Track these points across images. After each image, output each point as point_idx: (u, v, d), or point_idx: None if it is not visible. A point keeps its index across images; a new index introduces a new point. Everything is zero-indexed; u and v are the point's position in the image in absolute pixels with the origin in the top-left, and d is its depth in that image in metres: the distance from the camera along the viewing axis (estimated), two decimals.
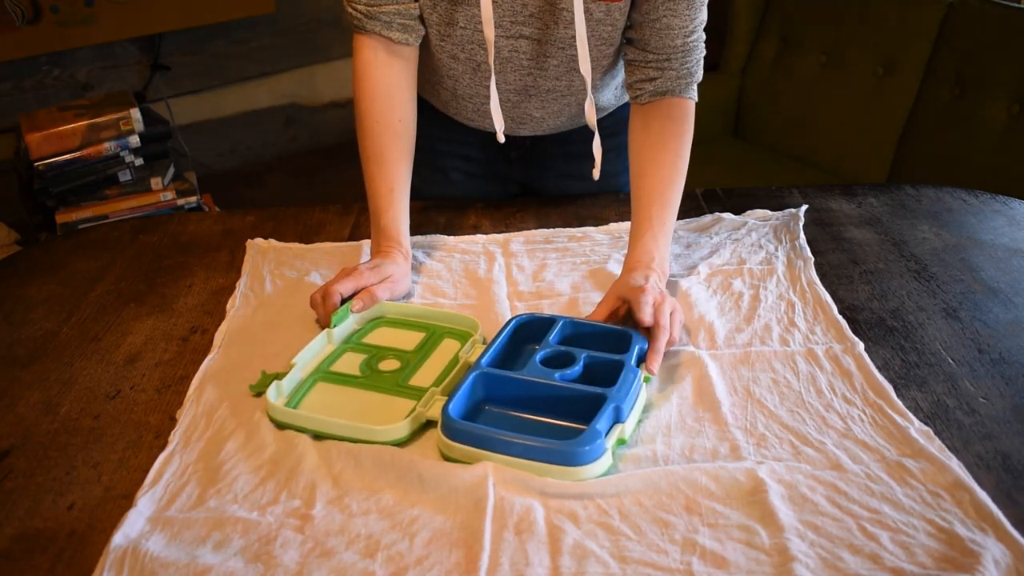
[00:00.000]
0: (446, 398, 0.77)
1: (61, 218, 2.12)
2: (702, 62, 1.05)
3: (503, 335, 0.86)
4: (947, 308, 0.94)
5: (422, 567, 0.63)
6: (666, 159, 1.00)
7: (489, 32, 0.98)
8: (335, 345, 0.91)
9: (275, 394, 0.81)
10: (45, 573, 0.65)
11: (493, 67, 1.01)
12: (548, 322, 0.88)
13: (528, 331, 0.88)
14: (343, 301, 0.93)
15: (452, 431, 0.74)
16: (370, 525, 0.67)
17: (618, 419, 0.75)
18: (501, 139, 1.07)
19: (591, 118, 1.03)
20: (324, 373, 0.86)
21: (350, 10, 1.02)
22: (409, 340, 0.92)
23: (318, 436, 0.77)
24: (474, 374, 0.79)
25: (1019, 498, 0.69)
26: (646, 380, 0.82)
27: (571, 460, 0.71)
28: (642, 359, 0.82)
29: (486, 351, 0.83)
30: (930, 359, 0.86)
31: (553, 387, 0.78)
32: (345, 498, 0.70)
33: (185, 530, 0.67)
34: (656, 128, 1.02)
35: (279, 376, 0.83)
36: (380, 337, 0.93)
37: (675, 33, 0.99)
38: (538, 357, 0.82)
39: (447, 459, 0.74)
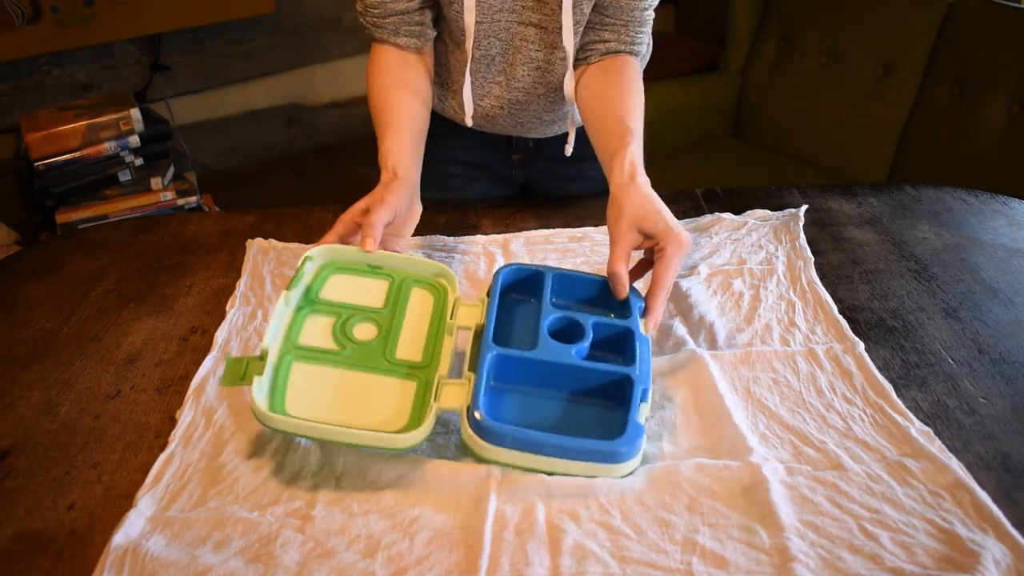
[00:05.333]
0: (457, 380, 0.74)
1: (61, 218, 2.12)
2: (649, 40, 1.09)
3: (494, 298, 0.83)
4: (947, 308, 0.94)
5: (422, 567, 0.63)
6: (628, 92, 1.01)
7: (470, 18, 1.00)
8: (292, 308, 0.81)
9: (261, 394, 0.73)
10: (45, 573, 0.65)
11: (470, 52, 1.03)
12: (534, 275, 0.86)
13: (516, 284, 0.87)
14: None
15: (488, 433, 0.70)
16: (370, 525, 0.67)
17: (643, 399, 0.74)
18: (469, 123, 1.10)
19: (569, 91, 1.06)
20: (297, 350, 0.78)
21: (361, 21, 1.06)
22: (372, 292, 0.85)
23: (318, 441, 0.74)
24: (489, 358, 0.76)
25: (1019, 498, 0.69)
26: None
27: (617, 459, 0.70)
28: (643, 314, 0.82)
29: (487, 323, 0.79)
30: (930, 359, 0.86)
31: (574, 368, 0.77)
32: (346, 498, 0.70)
33: (185, 530, 0.67)
34: (615, 73, 1.04)
35: (251, 365, 0.74)
36: (338, 290, 0.84)
37: (634, 4, 1.03)
38: (545, 327, 0.79)
39: (475, 456, 0.72)
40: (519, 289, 0.87)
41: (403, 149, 0.98)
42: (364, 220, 0.87)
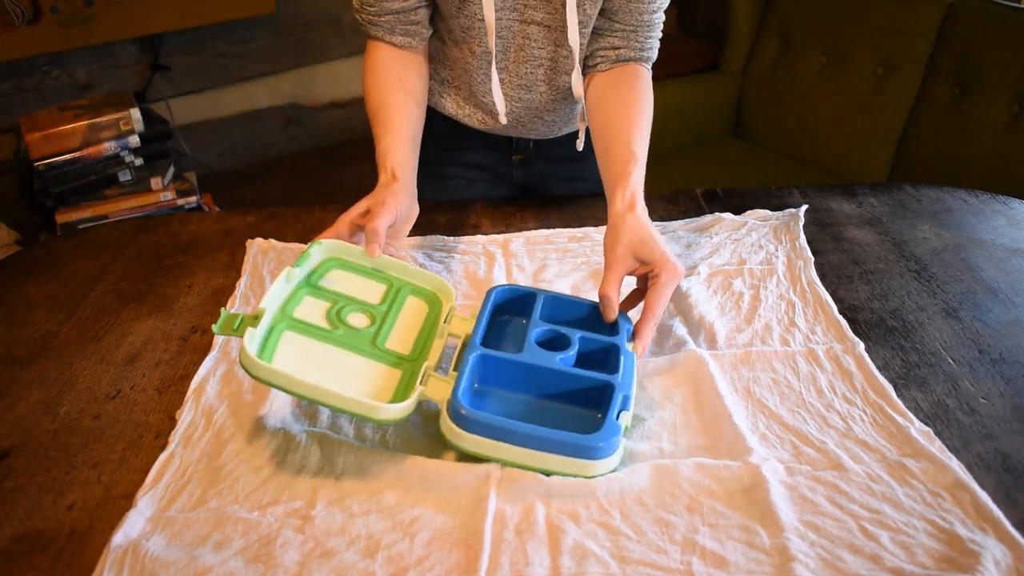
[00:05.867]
0: (442, 377, 0.75)
1: (61, 218, 2.12)
2: (658, 44, 1.09)
3: (486, 311, 0.84)
4: (947, 308, 0.94)
5: (422, 567, 0.63)
6: (637, 111, 1.02)
7: (490, 15, 0.99)
8: (292, 285, 0.84)
9: (252, 345, 0.73)
10: (45, 573, 0.65)
11: (494, 50, 1.03)
12: (527, 296, 0.87)
13: (508, 304, 0.88)
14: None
15: (466, 421, 0.71)
16: (371, 525, 0.67)
17: (624, 407, 0.74)
18: (504, 120, 1.09)
19: (577, 90, 1.05)
20: (290, 321, 0.80)
21: (357, 17, 1.06)
22: (369, 291, 0.87)
23: (300, 397, 0.73)
24: (474, 356, 0.77)
25: (1019, 498, 0.69)
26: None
27: (593, 454, 0.70)
28: (629, 338, 0.83)
29: (476, 330, 0.81)
30: (930, 359, 0.86)
31: (556, 372, 0.77)
32: (346, 499, 0.70)
33: (185, 530, 0.67)
34: (625, 86, 1.04)
35: (246, 320, 0.75)
36: (337, 282, 0.87)
37: (643, 8, 1.02)
38: (532, 337, 0.81)
39: (455, 448, 0.73)
40: (510, 310, 0.88)
41: (401, 150, 0.98)
42: (367, 225, 0.88)
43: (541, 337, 0.82)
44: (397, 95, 1.03)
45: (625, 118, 1.01)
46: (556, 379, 0.78)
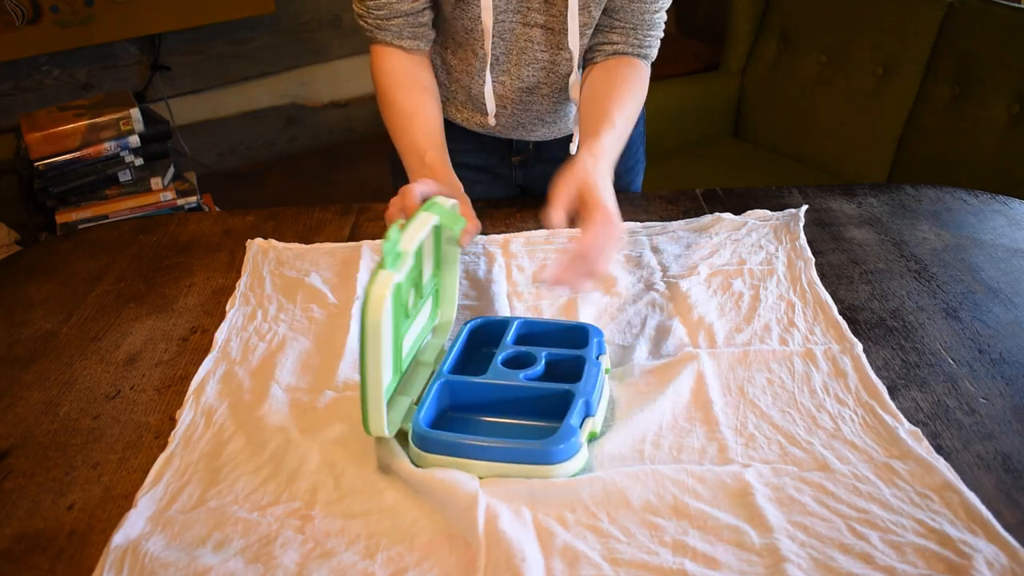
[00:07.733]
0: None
1: (61, 218, 2.12)
2: (659, 43, 1.09)
3: (460, 342, 0.85)
4: (947, 308, 0.94)
5: (422, 567, 0.63)
6: (625, 88, 1.02)
7: (488, 19, 0.99)
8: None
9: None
10: (45, 573, 0.65)
11: (491, 53, 1.03)
12: (503, 324, 0.87)
13: (483, 335, 0.88)
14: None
15: (424, 442, 0.72)
16: (370, 526, 0.67)
17: (588, 413, 0.75)
18: (492, 122, 1.10)
19: (575, 93, 1.06)
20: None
21: (362, 23, 1.05)
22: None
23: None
24: (438, 383, 0.78)
25: (1019, 498, 0.69)
26: (607, 371, 0.82)
27: (549, 459, 0.70)
28: (601, 352, 0.83)
29: (445, 359, 0.82)
30: (930, 359, 0.86)
31: (519, 388, 0.78)
32: (346, 498, 0.70)
33: (185, 530, 0.67)
34: (616, 71, 1.05)
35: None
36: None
37: (645, 7, 1.03)
38: (499, 359, 0.81)
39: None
40: (488, 341, 0.88)
41: (432, 140, 1.01)
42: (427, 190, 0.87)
43: (508, 358, 0.82)
44: (411, 93, 1.04)
45: (608, 91, 1.02)
46: (520, 395, 0.78)
